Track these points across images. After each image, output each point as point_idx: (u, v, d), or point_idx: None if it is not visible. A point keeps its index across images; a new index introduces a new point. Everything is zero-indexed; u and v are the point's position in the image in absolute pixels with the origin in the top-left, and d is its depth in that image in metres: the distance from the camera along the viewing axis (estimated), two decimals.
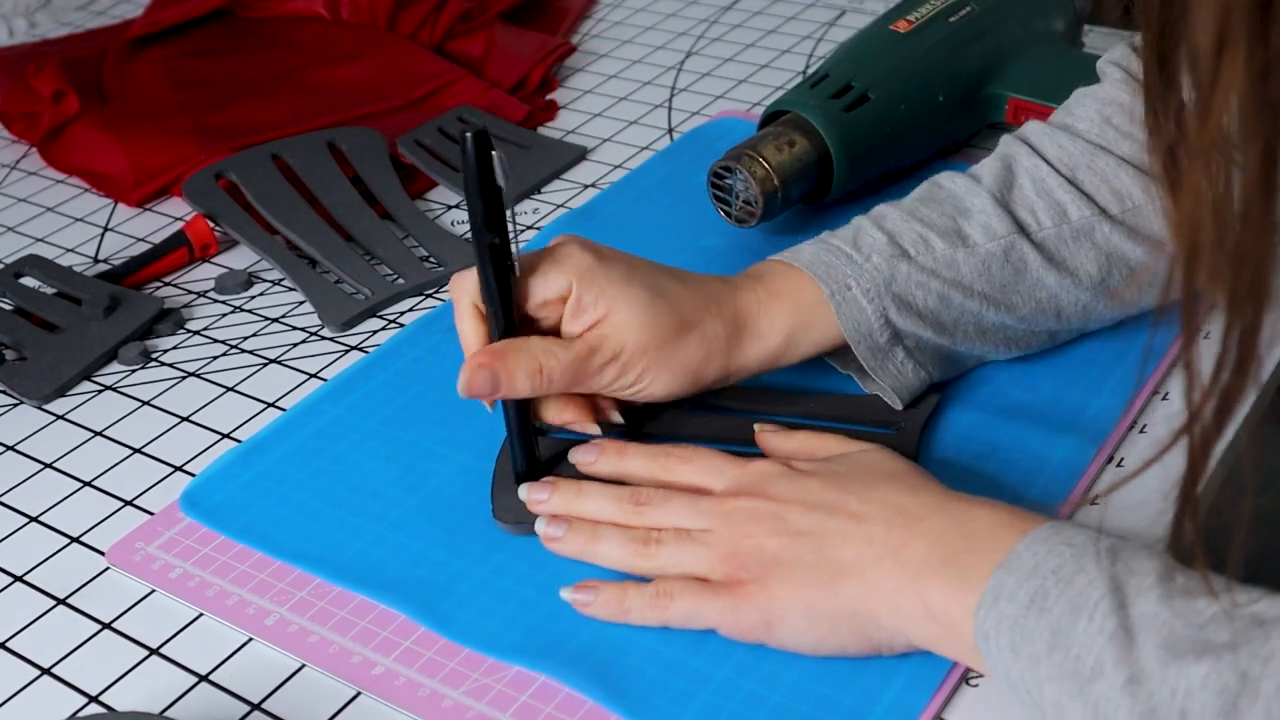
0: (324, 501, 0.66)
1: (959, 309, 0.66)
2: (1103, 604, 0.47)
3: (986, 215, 0.67)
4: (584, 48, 1.14)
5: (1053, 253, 0.67)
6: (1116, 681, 0.46)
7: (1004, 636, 0.50)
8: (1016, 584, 0.50)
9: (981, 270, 0.66)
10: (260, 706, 0.57)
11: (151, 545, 0.65)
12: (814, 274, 0.65)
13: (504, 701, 0.55)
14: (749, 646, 0.56)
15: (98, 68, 1.09)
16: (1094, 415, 0.67)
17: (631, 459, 0.63)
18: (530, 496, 0.63)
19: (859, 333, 0.64)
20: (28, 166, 1.03)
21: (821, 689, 0.55)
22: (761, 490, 0.58)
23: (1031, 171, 0.68)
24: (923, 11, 0.87)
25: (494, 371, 0.60)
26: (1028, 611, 0.49)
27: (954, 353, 0.67)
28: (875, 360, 0.65)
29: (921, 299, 0.65)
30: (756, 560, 0.56)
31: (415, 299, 0.82)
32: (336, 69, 1.07)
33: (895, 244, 0.66)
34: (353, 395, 0.73)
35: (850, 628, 0.54)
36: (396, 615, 0.60)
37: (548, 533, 0.61)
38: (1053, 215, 0.67)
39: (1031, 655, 0.49)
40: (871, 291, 0.64)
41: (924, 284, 0.65)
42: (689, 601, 0.57)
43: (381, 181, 0.92)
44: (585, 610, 0.58)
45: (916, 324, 0.65)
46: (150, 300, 0.82)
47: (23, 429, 0.75)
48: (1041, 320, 0.68)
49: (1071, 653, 0.47)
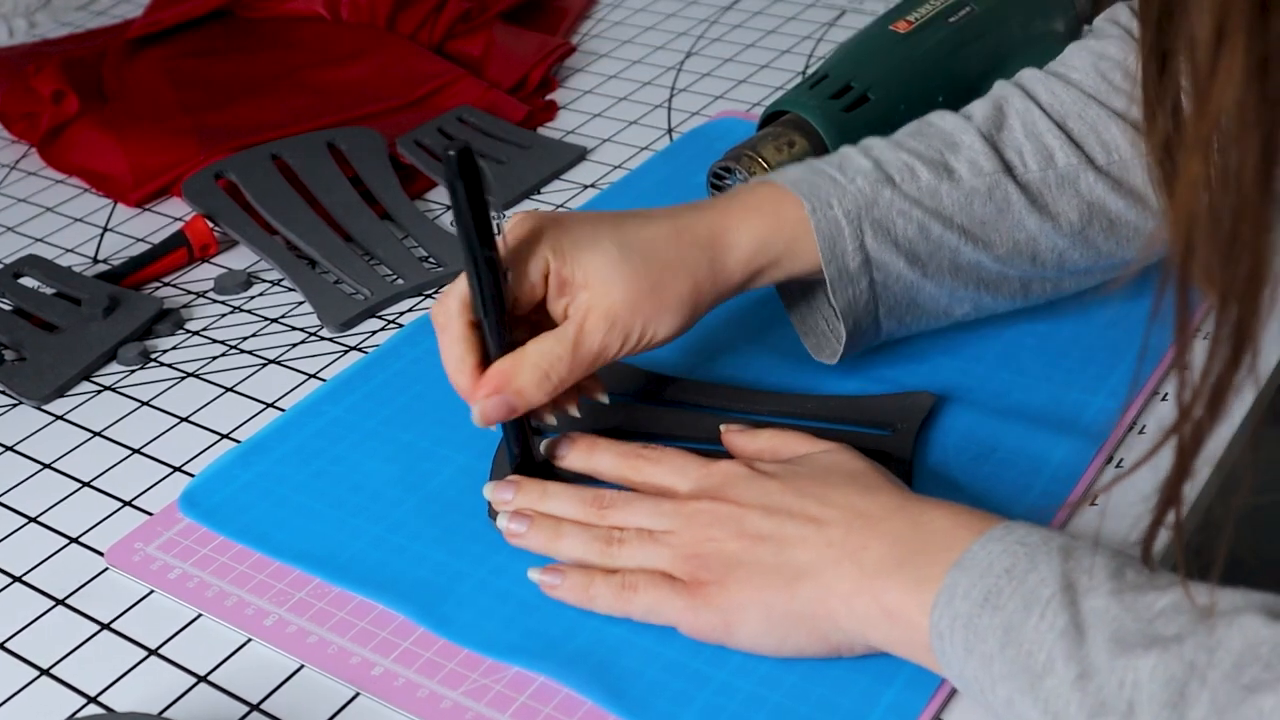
0: (323, 502, 0.66)
1: (937, 240, 0.66)
2: (1054, 601, 0.48)
3: (974, 152, 0.67)
4: (584, 48, 1.14)
5: (1036, 195, 0.67)
6: (1067, 677, 0.46)
7: (958, 635, 0.50)
8: (970, 583, 0.50)
9: (964, 204, 0.66)
10: (259, 707, 0.57)
11: (151, 545, 0.65)
12: (797, 190, 0.65)
13: (503, 702, 0.55)
14: None
15: (98, 68, 1.09)
16: (1093, 416, 0.67)
17: (601, 455, 0.63)
18: (495, 495, 0.63)
19: (832, 251, 0.64)
20: (28, 166, 1.03)
21: (820, 690, 0.55)
22: (723, 493, 0.58)
23: (1023, 114, 0.69)
24: (923, 12, 0.87)
25: (505, 397, 0.60)
26: (981, 610, 0.49)
27: (920, 293, 0.67)
28: (839, 282, 0.65)
29: (901, 227, 0.65)
30: (718, 562, 0.56)
31: (414, 299, 0.82)
32: (336, 69, 1.07)
33: (881, 170, 0.66)
34: (352, 395, 0.73)
35: (809, 630, 0.55)
36: (395, 616, 0.60)
37: (510, 528, 0.61)
38: (1039, 159, 0.68)
39: (984, 654, 0.49)
40: (852, 213, 0.64)
41: (905, 212, 0.65)
42: (652, 596, 0.57)
43: (381, 182, 0.92)
44: (552, 593, 0.59)
45: (891, 253, 0.65)
46: (150, 300, 0.82)
47: (22, 429, 0.74)
48: (1017, 262, 0.68)
49: (1023, 650, 0.48)
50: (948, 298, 0.68)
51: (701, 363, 0.73)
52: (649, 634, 0.57)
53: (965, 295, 0.68)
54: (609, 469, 0.63)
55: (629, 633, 0.58)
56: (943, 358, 0.72)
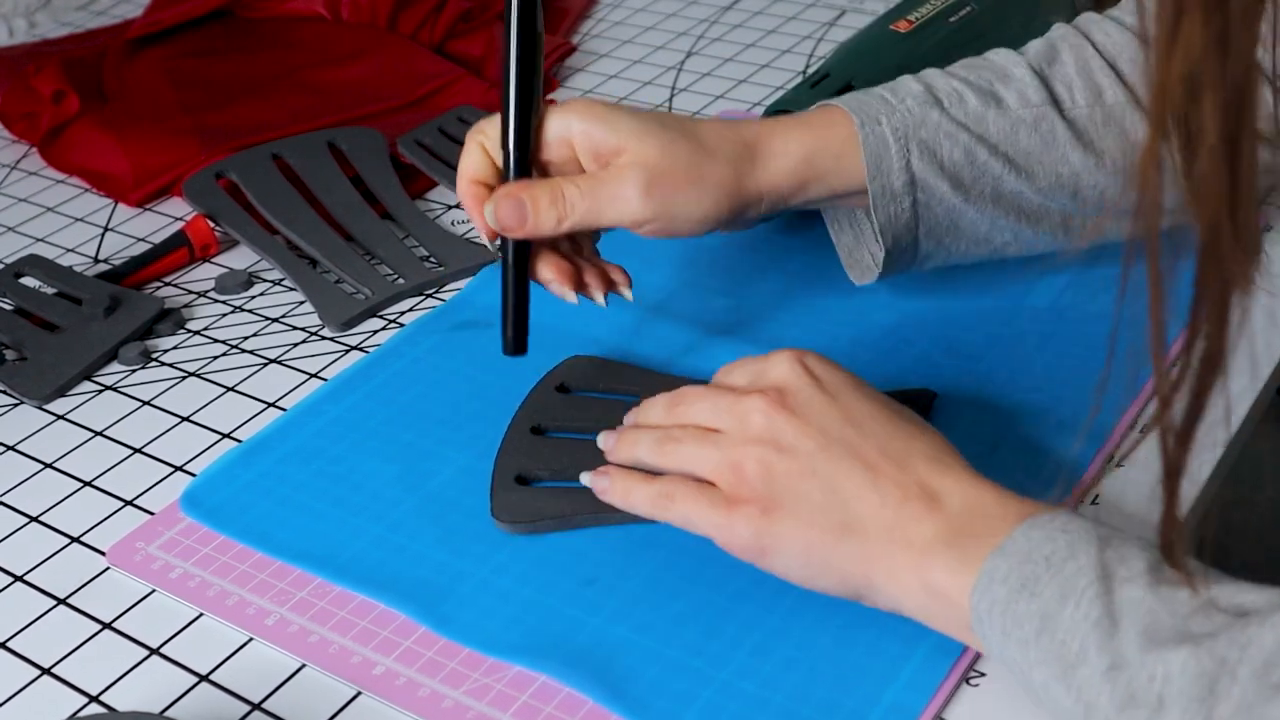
0: (324, 501, 0.66)
1: (982, 167, 0.67)
2: (1089, 590, 0.48)
3: (1023, 84, 0.68)
4: (584, 48, 1.14)
5: (1082, 131, 0.68)
6: (1099, 668, 0.46)
7: (996, 620, 0.50)
8: (1010, 569, 0.50)
9: (1009, 133, 0.67)
10: (260, 706, 0.57)
11: (152, 545, 0.65)
12: (848, 107, 0.67)
13: (504, 701, 0.55)
14: (750, 648, 0.56)
15: (98, 68, 1.09)
16: (1104, 418, 0.67)
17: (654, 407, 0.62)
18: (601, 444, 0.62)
19: (878, 168, 0.66)
20: (28, 166, 1.03)
21: (822, 690, 0.55)
22: (780, 395, 0.57)
23: (1077, 50, 0.70)
24: (923, 11, 0.87)
25: (520, 200, 0.62)
26: (1019, 596, 0.49)
27: (962, 217, 0.68)
28: (881, 199, 0.66)
29: (947, 150, 0.66)
30: (762, 480, 0.55)
31: (415, 299, 0.82)
32: (336, 69, 1.07)
33: (931, 94, 0.68)
34: (353, 395, 0.73)
35: (841, 579, 0.55)
36: (397, 615, 0.60)
37: (605, 443, 0.61)
38: (1088, 95, 0.69)
39: (1021, 639, 0.49)
40: (900, 131, 0.66)
41: (952, 134, 0.66)
42: (688, 507, 0.56)
43: (382, 181, 0.92)
44: (602, 495, 0.59)
45: (936, 175, 0.66)
46: (150, 300, 0.82)
47: (23, 429, 0.75)
48: (1059, 196, 0.68)
49: (1058, 638, 0.48)
50: (988, 225, 0.69)
51: (703, 362, 0.73)
52: (651, 634, 0.57)
53: (1005, 225, 0.69)
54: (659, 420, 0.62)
55: (630, 632, 0.58)
56: (943, 357, 0.72)
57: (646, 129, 0.63)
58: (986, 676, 0.55)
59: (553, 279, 0.65)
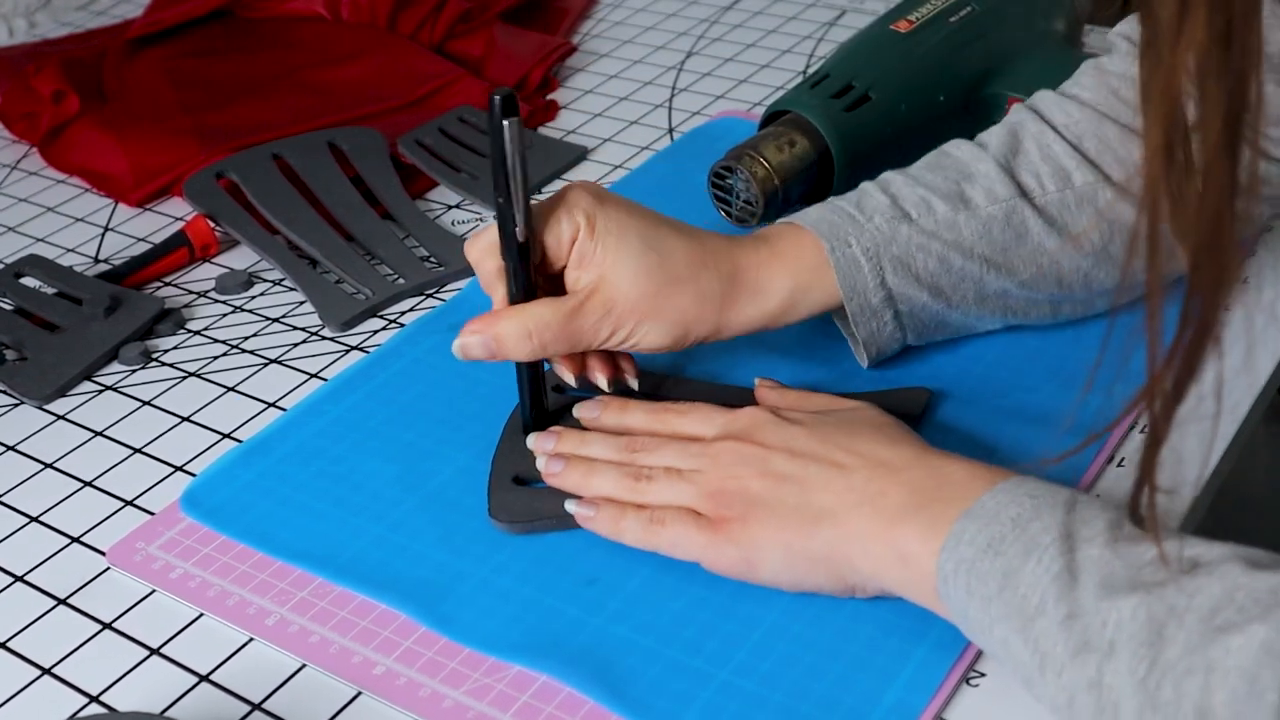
0: (325, 501, 0.66)
1: (959, 273, 0.67)
2: (1052, 548, 0.49)
3: (990, 179, 0.68)
4: (584, 48, 1.14)
5: (1054, 217, 0.68)
6: (1056, 618, 0.48)
7: (961, 579, 0.51)
8: (977, 530, 0.52)
9: (982, 233, 0.67)
10: (261, 706, 0.57)
11: (152, 545, 0.65)
12: (817, 231, 0.66)
13: (505, 701, 0.55)
14: (750, 647, 0.56)
15: (98, 68, 1.09)
16: (1093, 415, 0.67)
17: (633, 413, 0.65)
18: (536, 445, 0.65)
19: (853, 290, 0.66)
20: (28, 166, 1.03)
21: (822, 689, 0.55)
22: (749, 435, 0.60)
23: (1038, 137, 0.70)
24: (923, 11, 0.87)
25: (485, 339, 0.63)
26: (984, 555, 0.51)
27: (949, 319, 0.69)
28: (861, 316, 0.66)
29: (921, 262, 0.66)
30: (740, 500, 0.58)
31: (415, 299, 0.82)
32: (336, 69, 1.07)
33: (898, 206, 0.67)
34: (353, 395, 0.73)
35: (826, 570, 0.56)
36: (397, 615, 0.60)
37: (548, 469, 0.64)
38: (1056, 180, 0.68)
39: (984, 596, 0.51)
40: (870, 250, 0.66)
41: (924, 246, 0.66)
42: (678, 531, 0.59)
43: (382, 181, 0.92)
44: (586, 524, 0.61)
45: (913, 287, 0.66)
46: (151, 300, 0.82)
47: (23, 429, 0.74)
48: (1043, 285, 0.68)
49: (1019, 592, 0.49)
50: (975, 320, 0.69)
51: (702, 363, 0.73)
52: (651, 633, 0.58)
53: (994, 320, 0.70)
54: (640, 424, 0.65)
55: (631, 632, 0.58)
56: (943, 357, 0.72)
57: (627, 255, 0.63)
58: (987, 677, 0.55)
59: (562, 370, 0.67)
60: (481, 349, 0.63)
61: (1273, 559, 0.47)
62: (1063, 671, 0.48)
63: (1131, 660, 0.45)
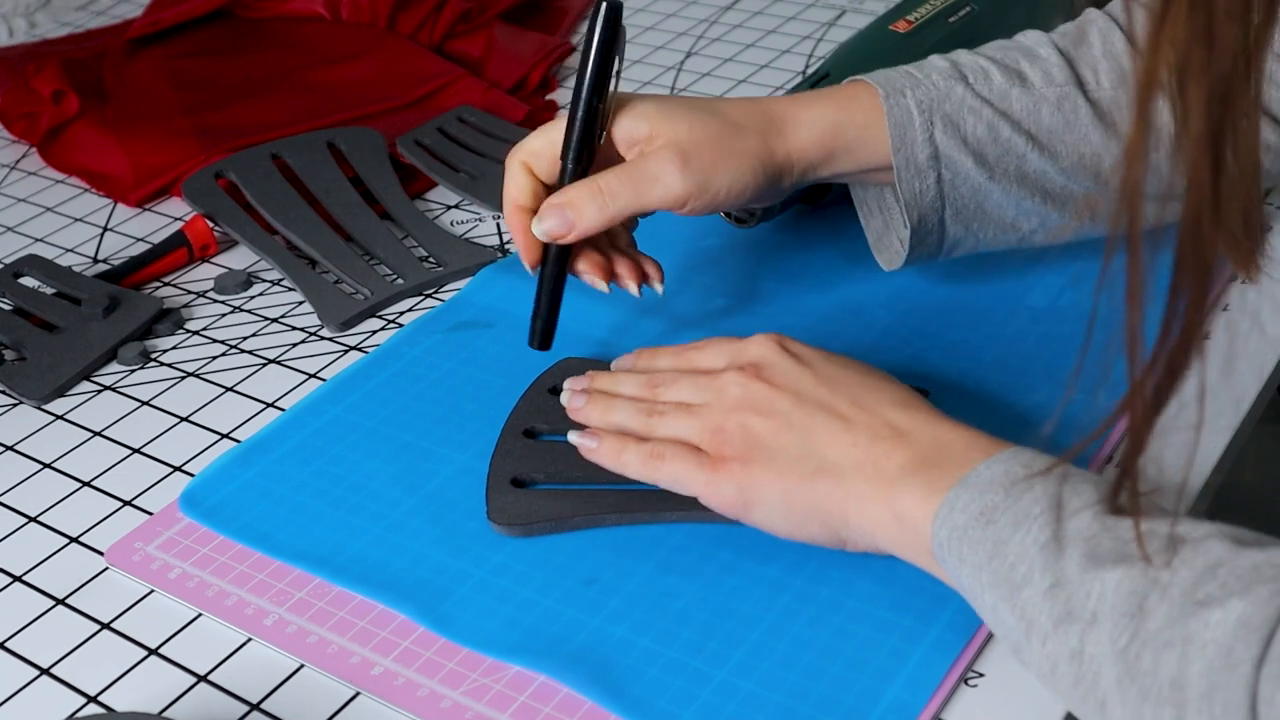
0: (323, 501, 0.66)
1: (1005, 143, 0.67)
2: (1041, 518, 0.50)
3: (1049, 64, 0.69)
4: None
5: (1105, 112, 0.68)
6: (1041, 587, 0.48)
7: (954, 546, 0.52)
8: (971, 498, 0.52)
9: (1032, 110, 0.68)
10: (259, 707, 0.57)
11: (151, 545, 0.65)
12: (873, 80, 0.67)
13: (503, 701, 0.55)
14: (749, 647, 0.56)
15: (98, 68, 1.09)
16: (1094, 416, 0.67)
17: (662, 355, 0.66)
18: (571, 383, 0.66)
19: (902, 141, 0.66)
20: (28, 166, 1.03)
21: (821, 689, 0.55)
22: (757, 370, 0.60)
23: (1104, 33, 0.71)
24: (922, 11, 0.87)
25: (559, 210, 0.64)
26: (976, 523, 0.51)
27: (988, 198, 0.68)
28: (906, 173, 0.67)
29: (971, 125, 0.67)
30: (743, 439, 0.58)
31: (415, 299, 0.82)
32: (336, 69, 1.07)
33: (956, 69, 0.68)
34: (352, 395, 0.73)
35: (821, 522, 0.57)
36: (395, 615, 0.60)
37: (572, 403, 0.65)
38: (1113, 77, 0.69)
39: (975, 564, 0.51)
40: (924, 104, 0.67)
41: (976, 110, 0.67)
42: (677, 466, 0.59)
43: (381, 181, 0.92)
44: (589, 455, 0.62)
45: (960, 150, 0.67)
46: (150, 300, 0.82)
47: (22, 429, 0.74)
48: (1082, 177, 0.69)
49: (1008, 561, 0.50)
50: (1014, 208, 0.69)
51: None
52: (649, 633, 0.57)
53: (1031, 208, 0.69)
54: (665, 364, 0.66)
55: (629, 632, 0.58)
56: (941, 357, 0.72)
57: (673, 111, 0.65)
58: (985, 677, 0.55)
59: (587, 270, 0.68)
60: (558, 219, 0.64)
61: (1256, 537, 0.47)
62: (1046, 640, 0.48)
63: (1113, 631, 0.46)
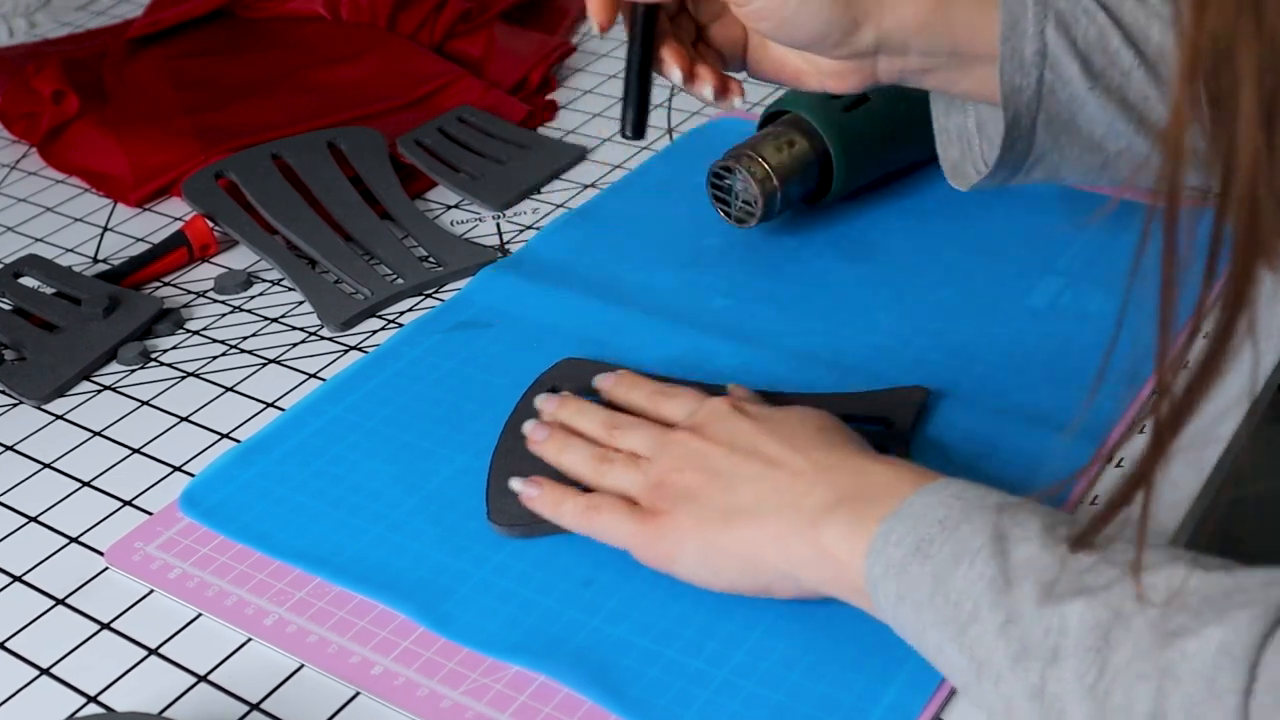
0: (324, 501, 0.66)
1: (1113, 55, 0.64)
2: (983, 551, 0.49)
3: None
4: (584, 48, 1.14)
5: None
6: (993, 624, 0.47)
7: (890, 582, 0.51)
8: (905, 531, 0.51)
9: (1144, 25, 0.64)
10: (259, 707, 0.57)
11: (151, 545, 0.65)
12: None
13: (503, 701, 0.55)
14: (749, 647, 0.56)
15: (98, 68, 1.09)
16: (1094, 415, 0.67)
17: (638, 390, 0.66)
18: (542, 403, 0.67)
19: (1012, 29, 0.62)
20: (28, 166, 1.03)
21: (821, 689, 0.54)
22: (702, 428, 0.61)
23: None
24: None
25: None
26: (912, 558, 0.50)
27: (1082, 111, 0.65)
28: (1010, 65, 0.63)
29: (1083, 28, 0.63)
30: (674, 494, 0.59)
31: (415, 299, 0.82)
32: (336, 69, 1.07)
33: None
34: (353, 395, 0.73)
35: (739, 568, 0.57)
36: (396, 615, 0.60)
37: (534, 435, 0.65)
38: None
39: (915, 601, 0.50)
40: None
41: (1090, 11, 0.63)
42: (611, 519, 0.59)
43: (381, 181, 0.92)
44: (528, 503, 0.62)
45: (1068, 53, 0.63)
46: (150, 300, 0.82)
47: (22, 429, 0.74)
48: None
49: (951, 599, 0.49)
50: (1105, 126, 0.65)
51: (702, 361, 0.73)
52: (649, 633, 0.57)
53: (1122, 130, 0.66)
54: (636, 402, 0.66)
55: (629, 632, 0.58)
56: (942, 357, 0.72)
57: None
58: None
59: (669, 60, 0.65)
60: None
61: (1220, 562, 0.46)
62: (1000, 680, 0.47)
63: (1079, 666, 0.44)
